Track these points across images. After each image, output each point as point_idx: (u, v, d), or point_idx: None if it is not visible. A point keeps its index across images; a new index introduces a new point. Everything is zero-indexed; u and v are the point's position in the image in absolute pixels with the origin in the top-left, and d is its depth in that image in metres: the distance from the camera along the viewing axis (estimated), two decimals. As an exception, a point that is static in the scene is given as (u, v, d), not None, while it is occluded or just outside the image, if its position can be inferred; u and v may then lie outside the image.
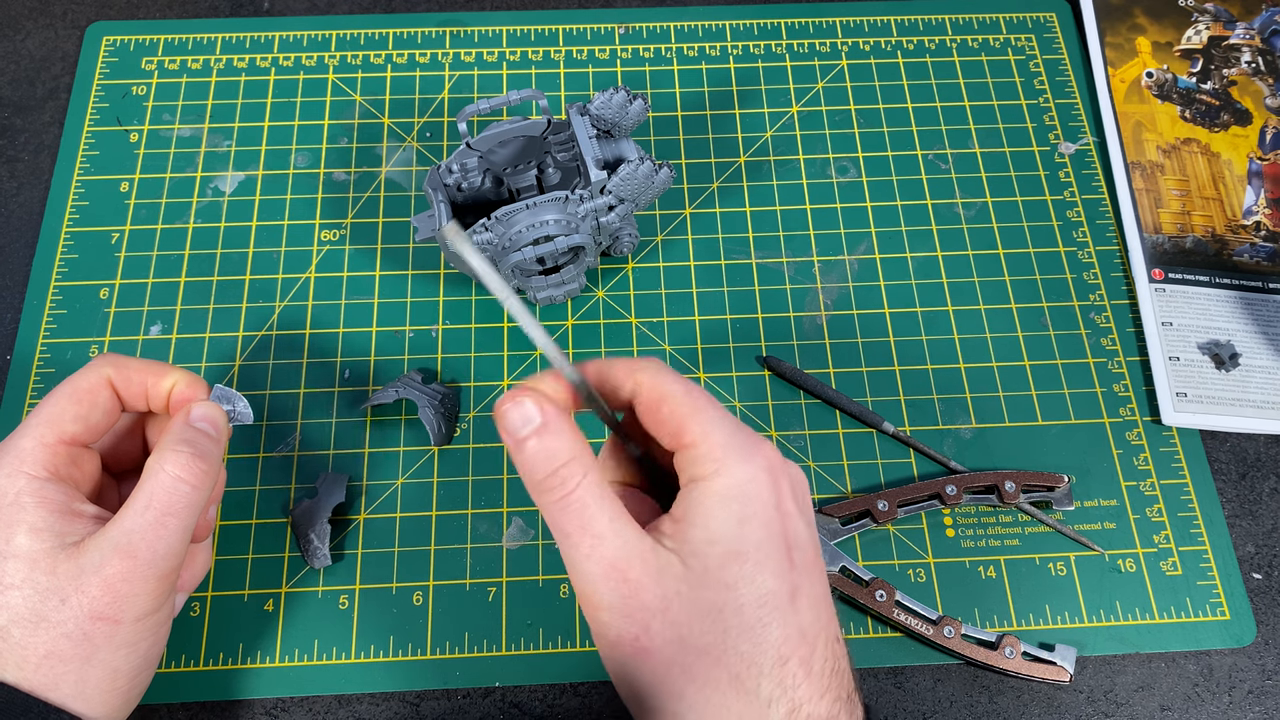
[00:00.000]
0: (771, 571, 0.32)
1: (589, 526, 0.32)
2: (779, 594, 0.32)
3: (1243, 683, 0.47)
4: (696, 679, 0.31)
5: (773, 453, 0.33)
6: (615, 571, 0.31)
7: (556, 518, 0.32)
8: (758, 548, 0.32)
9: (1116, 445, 0.52)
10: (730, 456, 0.32)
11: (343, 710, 0.45)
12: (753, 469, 0.32)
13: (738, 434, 0.33)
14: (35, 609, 0.35)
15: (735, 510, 0.32)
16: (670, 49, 0.62)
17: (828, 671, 0.32)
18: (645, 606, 0.31)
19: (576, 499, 0.32)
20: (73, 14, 0.63)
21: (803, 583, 0.32)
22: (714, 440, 0.32)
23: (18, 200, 0.57)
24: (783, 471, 0.33)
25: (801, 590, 0.32)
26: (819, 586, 0.33)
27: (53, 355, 0.52)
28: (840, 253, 0.56)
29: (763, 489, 0.32)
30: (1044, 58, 0.63)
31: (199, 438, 0.38)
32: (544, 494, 0.32)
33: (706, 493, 0.32)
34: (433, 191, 0.48)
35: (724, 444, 0.32)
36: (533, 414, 0.32)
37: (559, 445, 0.32)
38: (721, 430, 0.32)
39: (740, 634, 0.31)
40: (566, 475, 0.32)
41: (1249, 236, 0.57)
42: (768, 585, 0.31)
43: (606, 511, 0.32)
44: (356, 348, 0.53)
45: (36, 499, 0.36)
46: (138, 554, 0.35)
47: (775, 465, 0.33)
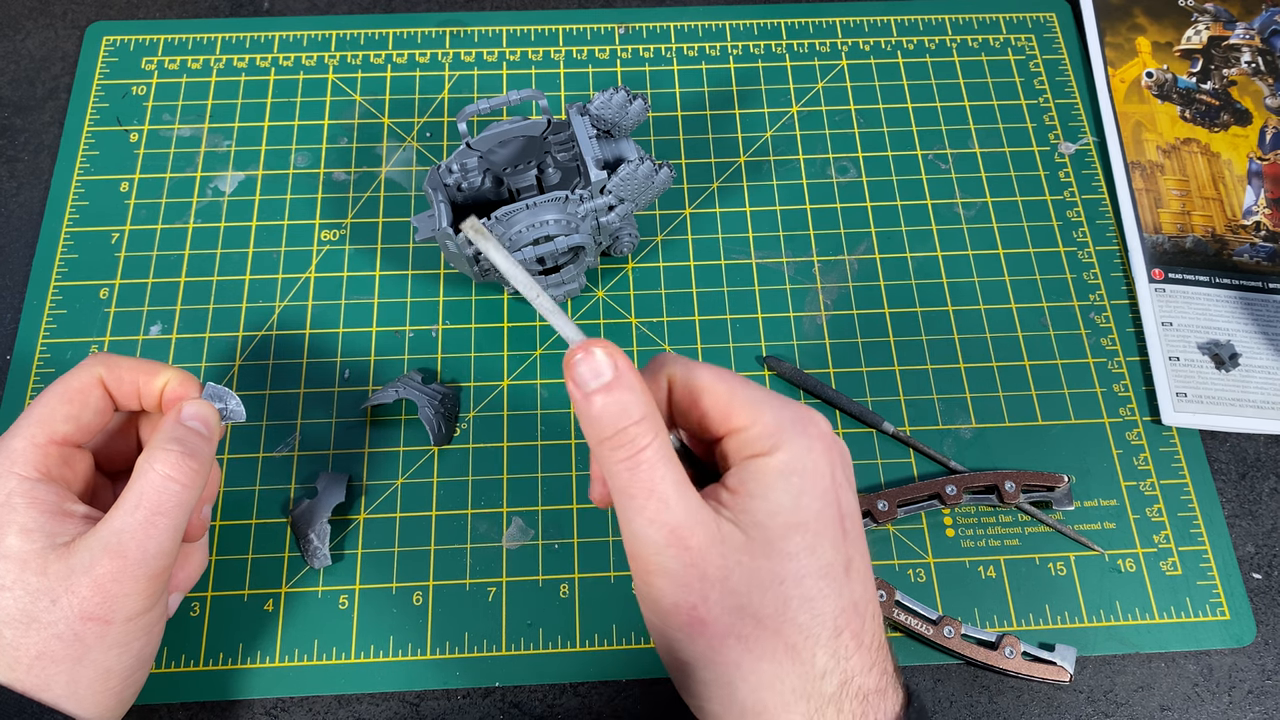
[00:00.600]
0: (830, 542, 0.32)
1: (655, 490, 0.31)
2: (836, 565, 0.32)
3: (1243, 683, 0.47)
4: (754, 649, 0.31)
5: (824, 426, 0.33)
6: (677, 538, 0.31)
7: (622, 478, 0.31)
8: (817, 518, 0.32)
9: (1116, 445, 0.52)
10: (785, 432, 0.32)
11: (343, 710, 0.45)
12: (808, 442, 0.32)
13: (786, 408, 0.33)
14: (26, 610, 0.35)
15: (795, 483, 0.32)
16: (670, 49, 0.62)
17: (876, 645, 0.33)
18: (705, 576, 0.31)
19: (646, 460, 0.31)
20: (73, 14, 0.63)
21: (855, 555, 0.33)
22: (766, 420, 0.32)
23: (18, 200, 0.57)
24: (835, 445, 0.33)
25: (854, 562, 0.33)
26: (866, 558, 0.34)
27: (53, 355, 0.52)
28: (840, 253, 0.56)
29: (819, 462, 0.32)
30: (1044, 58, 0.63)
31: (190, 436, 0.38)
32: (611, 451, 0.31)
33: (765, 468, 0.32)
34: (433, 191, 0.48)
35: (776, 421, 0.32)
36: (604, 367, 0.31)
37: (631, 402, 0.31)
38: (770, 408, 0.33)
39: (801, 604, 0.31)
40: (637, 434, 0.31)
41: (1249, 236, 0.57)
42: (827, 556, 0.32)
43: (673, 476, 0.31)
44: (356, 348, 0.53)
45: (27, 500, 0.36)
46: (127, 554, 0.35)
47: (828, 438, 0.33)
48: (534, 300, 0.33)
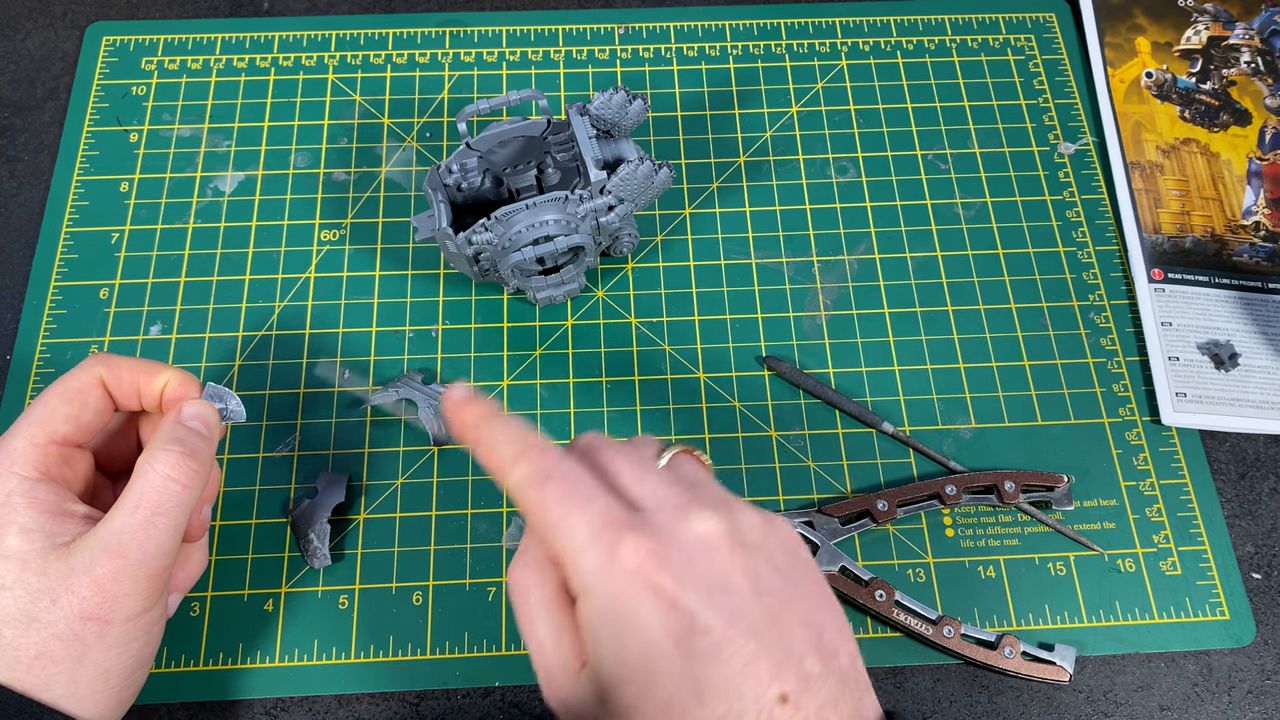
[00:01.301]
0: (667, 677, 0.29)
1: (534, 629, 0.33)
2: (679, 697, 0.29)
3: (1242, 682, 0.47)
4: None
5: (634, 546, 0.30)
6: (551, 679, 0.33)
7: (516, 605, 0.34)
8: (642, 664, 0.29)
9: (1116, 445, 0.52)
10: (590, 574, 0.30)
11: (343, 710, 0.45)
12: (614, 583, 0.30)
13: (597, 538, 0.30)
14: (26, 610, 0.35)
15: (612, 631, 0.30)
16: (670, 49, 0.62)
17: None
18: (571, 709, 0.32)
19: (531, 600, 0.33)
20: (73, 14, 0.63)
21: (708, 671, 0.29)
22: (572, 559, 0.31)
23: (18, 200, 0.57)
24: (654, 560, 0.30)
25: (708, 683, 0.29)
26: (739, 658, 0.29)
27: (53, 355, 0.52)
28: (840, 253, 0.56)
29: (632, 599, 0.29)
30: (1043, 58, 0.63)
31: (190, 436, 0.38)
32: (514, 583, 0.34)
33: (582, 615, 0.31)
34: (432, 191, 0.48)
35: (581, 562, 0.30)
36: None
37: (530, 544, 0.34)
38: (576, 541, 0.30)
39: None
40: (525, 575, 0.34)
41: (1248, 236, 0.57)
42: (666, 692, 0.29)
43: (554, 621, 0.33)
44: (356, 348, 0.53)
45: (27, 500, 0.36)
46: (128, 554, 0.35)
47: (640, 563, 0.30)
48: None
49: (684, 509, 0.32)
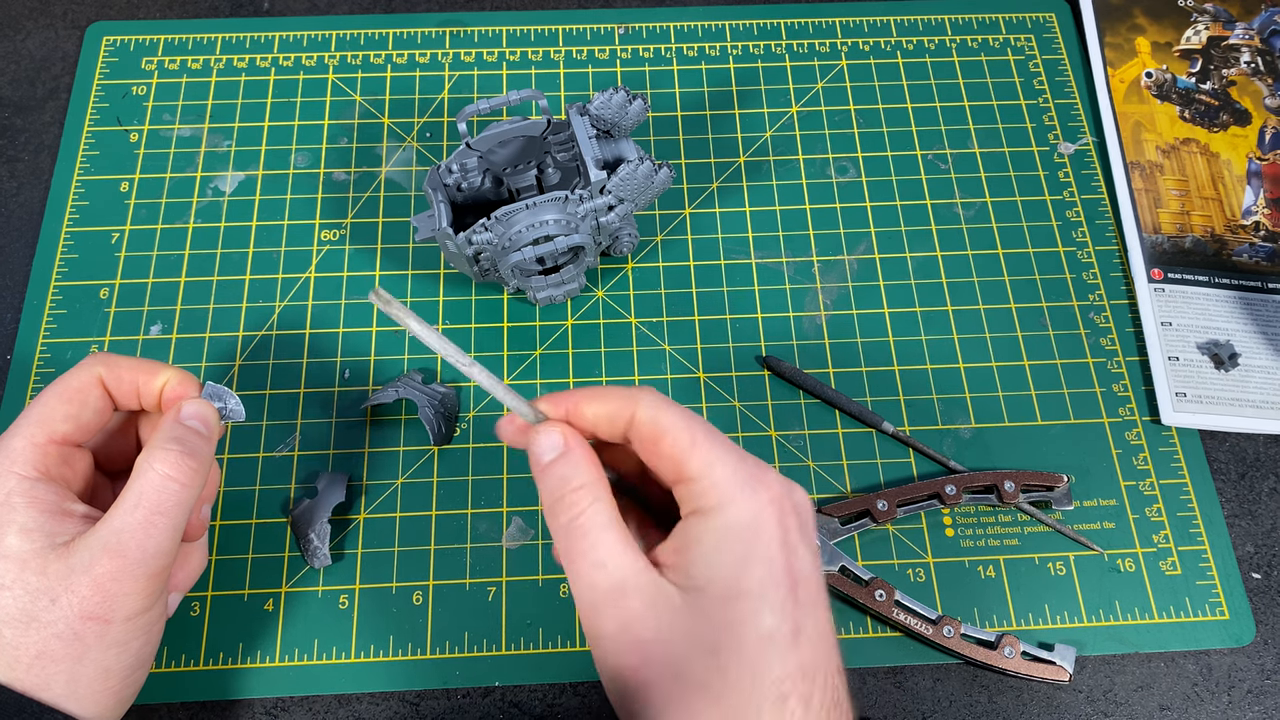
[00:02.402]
0: (773, 610, 0.31)
1: (591, 553, 0.32)
2: (781, 633, 0.31)
3: (1242, 682, 0.47)
4: (694, 714, 0.31)
5: (778, 484, 0.33)
6: (614, 601, 0.32)
7: (562, 541, 0.33)
8: (760, 586, 0.31)
9: (1116, 445, 0.52)
10: (734, 491, 0.32)
11: (343, 710, 0.45)
12: (757, 505, 0.32)
13: (742, 466, 0.32)
14: (26, 609, 0.35)
15: (739, 549, 0.31)
16: (670, 49, 0.62)
17: (828, 705, 0.32)
18: (642, 639, 0.31)
19: (581, 525, 0.32)
20: (73, 14, 0.63)
21: (806, 620, 0.31)
22: (717, 474, 0.32)
23: (18, 200, 0.57)
24: (789, 504, 0.32)
25: (805, 628, 0.31)
26: (823, 621, 0.32)
27: (53, 355, 0.52)
28: (840, 253, 0.56)
29: (767, 525, 0.31)
30: (1043, 58, 0.63)
31: (189, 435, 0.38)
32: (554, 517, 0.33)
33: (708, 528, 0.31)
34: (433, 191, 0.48)
35: (728, 478, 0.32)
36: (555, 442, 0.34)
37: (573, 471, 0.33)
38: (725, 464, 0.32)
39: (739, 674, 0.31)
40: (575, 500, 0.33)
41: (1248, 236, 0.57)
42: (769, 624, 0.31)
43: (611, 540, 0.32)
44: (356, 348, 0.53)
45: (27, 499, 0.36)
46: (127, 553, 0.35)
47: (781, 498, 0.32)
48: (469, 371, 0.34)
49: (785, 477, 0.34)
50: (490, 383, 0.34)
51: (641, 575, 0.32)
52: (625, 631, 0.31)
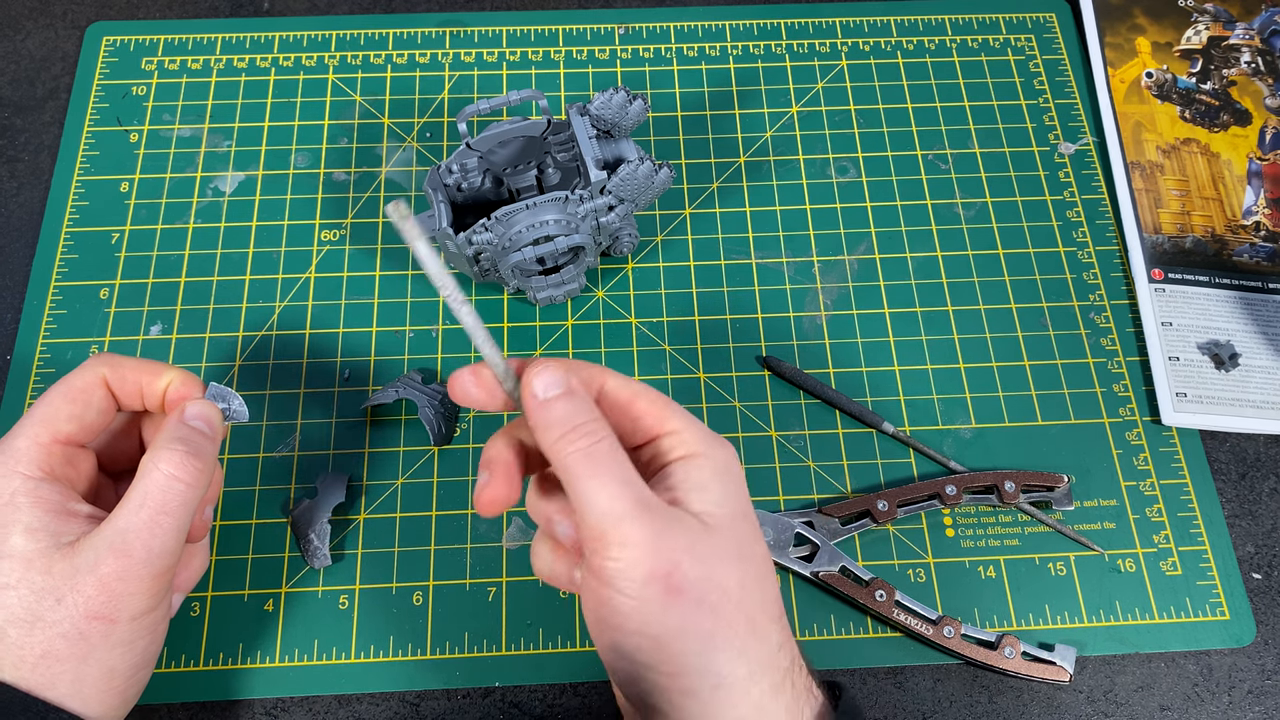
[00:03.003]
0: (752, 532, 0.35)
1: (615, 469, 0.33)
2: (768, 556, 0.36)
3: (1242, 683, 0.47)
4: (723, 619, 0.33)
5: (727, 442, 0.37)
6: (644, 508, 0.32)
7: (582, 464, 0.33)
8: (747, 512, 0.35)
9: (1116, 445, 0.52)
10: (710, 439, 0.35)
11: (343, 710, 0.45)
12: (727, 454, 0.36)
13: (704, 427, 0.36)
14: (31, 609, 0.35)
15: (730, 483, 0.35)
16: (670, 49, 0.62)
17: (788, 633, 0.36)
18: (674, 544, 0.32)
19: (603, 448, 0.33)
20: (73, 14, 0.63)
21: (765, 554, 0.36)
22: (694, 430, 0.35)
23: (18, 200, 0.57)
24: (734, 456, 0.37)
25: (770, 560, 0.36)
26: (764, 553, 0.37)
27: (53, 355, 0.52)
28: (840, 253, 0.56)
29: (737, 471, 0.36)
30: (1044, 58, 0.63)
31: (193, 436, 0.38)
32: (570, 443, 0.33)
33: (702, 466, 0.34)
34: (433, 191, 0.48)
35: (701, 432, 0.35)
36: (559, 380, 0.35)
37: (585, 405, 0.34)
38: (694, 422, 0.36)
39: (755, 582, 0.34)
40: (593, 429, 0.33)
41: (1249, 236, 0.57)
42: (762, 546, 0.35)
43: (629, 461, 0.33)
44: (356, 348, 0.53)
45: (31, 499, 0.36)
46: (132, 553, 0.35)
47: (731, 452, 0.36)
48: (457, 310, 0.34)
49: None
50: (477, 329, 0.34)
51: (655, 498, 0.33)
52: (659, 535, 0.32)
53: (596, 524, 0.32)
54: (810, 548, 0.48)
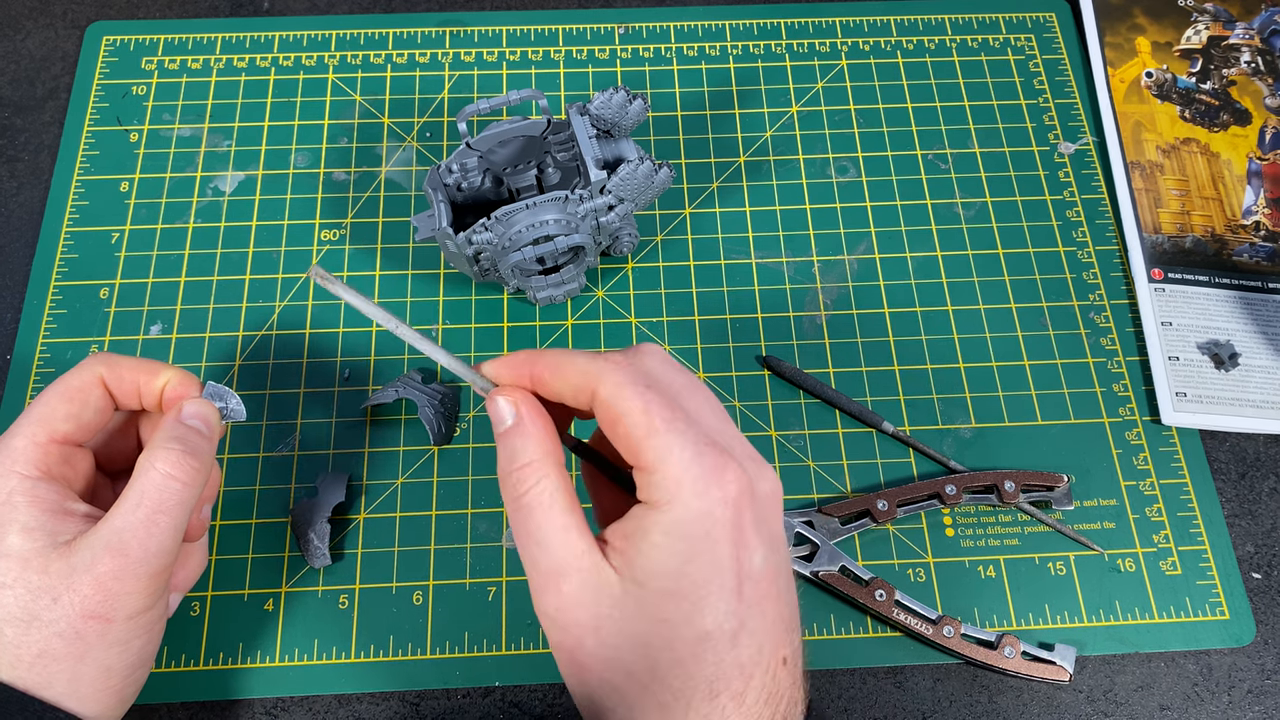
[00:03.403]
0: (714, 611, 0.30)
1: (535, 532, 0.32)
2: (721, 632, 0.30)
3: (1242, 682, 0.47)
4: (626, 700, 0.31)
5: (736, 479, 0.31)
6: (552, 583, 0.31)
7: (511, 517, 0.33)
8: (700, 587, 0.30)
9: (1116, 445, 0.52)
10: (685, 488, 0.30)
11: (343, 710, 0.45)
12: (708, 504, 0.30)
13: (700, 458, 0.30)
14: (27, 608, 0.35)
15: (681, 549, 0.30)
16: (670, 49, 0.62)
17: (763, 699, 0.31)
18: (578, 623, 0.31)
19: (527, 502, 0.32)
20: (73, 14, 0.63)
21: (750, 616, 0.31)
22: (671, 467, 0.30)
23: (18, 200, 0.57)
24: (747, 499, 0.31)
25: (747, 625, 0.31)
26: (769, 615, 0.31)
27: (53, 355, 0.52)
28: (840, 253, 0.56)
29: (717, 525, 0.30)
30: (1044, 58, 0.63)
31: (190, 435, 0.38)
32: (504, 492, 0.33)
33: (654, 523, 0.30)
34: (433, 191, 0.48)
35: (680, 474, 0.30)
36: (507, 413, 0.33)
37: (522, 446, 0.32)
38: (681, 455, 0.30)
39: (669, 668, 0.31)
40: (521, 477, 0.32)
41: (1248, 236, 0.57)
42: (706, 625, 0.30)
43: (555, 520, 0.32)
44: (356, 348, 0.53)
45: (28, 498, 0.36)
46: (129, 552, 0.35)
47: (739, 495, 0.31)
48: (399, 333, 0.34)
49: (756, 461, 0.32)
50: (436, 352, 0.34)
51: (582, 559, 0.31)
52: (562, 613, 0.31)
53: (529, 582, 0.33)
54: (810, 547, 0.48)
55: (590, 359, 0.32)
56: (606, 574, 0.31)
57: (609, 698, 0.32)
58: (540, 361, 0.33)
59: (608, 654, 0.31)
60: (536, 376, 0.33)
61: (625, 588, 0.31)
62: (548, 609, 0.32)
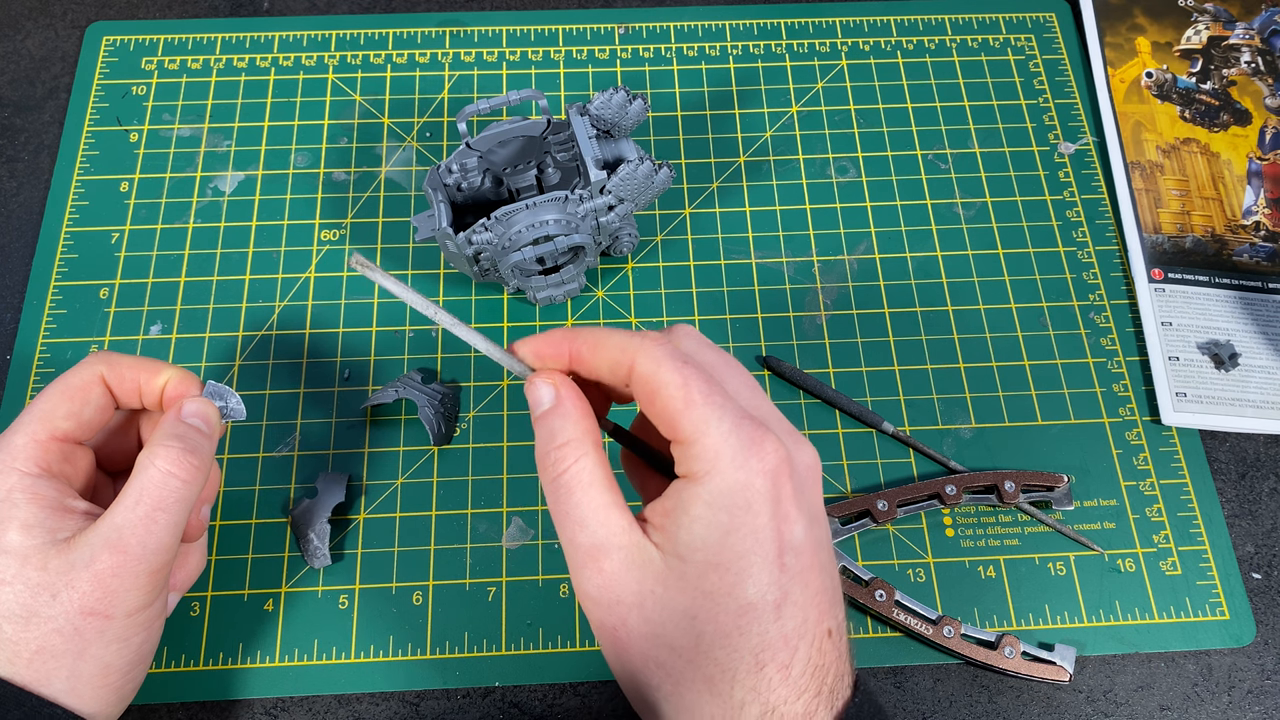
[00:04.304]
0: (756, 582, 0.30)
1: (573, 511, 0.32)
2: (764, 603, 0.31)
3: (1242, 682, 0.47)
4: (671, 675, 0.32)
5: (776, 448, 0.31)
6: (594, 561, 0.32)
7: (549, 497, 0.33)
8: (742, 558, 0.30)
9: (1116, 445, 0.52)
10: (724, 459, 0.30)
11: (343, 710, 0.45)
12: (747, 475, 0.30)
13: (739, 430, 0.30)
14: (26, 604, 0.35)
15: (723, 520, 0.30)
16: (670, 49, 0.62)
17: (809, 671, 0.31)
18: (621, 600, 0.32)
19: (566, 481, 0.32)
20: (73, 14, 0.63)
21: (793, 587, 0.31)
22: (710, 439, 0.30)
23: (18, 200, 0.57)
24: (786, 470, 0.31)
25: (790, 596, 0.31)
26: (812, 587, 0.32)
27: (53, 355, 0.52)
28: (840, 253, 0.56)
29: (756, 496, 0.30)
30: (1044, 58, 0.63)
31: (190, 433, 0.38)
32: (542, 472, 0.33)
33: (694, 496, 0.31)
34: (432, 191, 0.48)
35: (720, 444, 0.30)
36: (547, 395, 0.33)
37: (561, 426, 0.33)
38: (720, 428, 0.30)
39: (714, 640, 0.31)
40: (560, 456, 0.32)
41: (1248, 236, 0.57)
42: (749, 596, 0.30)
43: (595, 498, 0.32)
44: (356, 348, 0.53)
45: (28, 495, 0.36)
46: (128, 549, 0.35)
47: (777, 466, 0.31)
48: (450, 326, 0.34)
49: (794, 435, 0.33)
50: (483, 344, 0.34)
51: (622, 536, 0.31)
52: (604, 591, 0.32)
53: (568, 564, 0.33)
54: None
55: (628, 335, 0.33)
56: (648, 550, 0.31)
57: (654, 675, 0.32)
58: (579, 338, 0.34)
59: (652, 630, 0.31)
60: (575, 353, 0.34)
61: (668, 562, 0.31)
62: (589, 589, 0.32)
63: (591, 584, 0.32)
